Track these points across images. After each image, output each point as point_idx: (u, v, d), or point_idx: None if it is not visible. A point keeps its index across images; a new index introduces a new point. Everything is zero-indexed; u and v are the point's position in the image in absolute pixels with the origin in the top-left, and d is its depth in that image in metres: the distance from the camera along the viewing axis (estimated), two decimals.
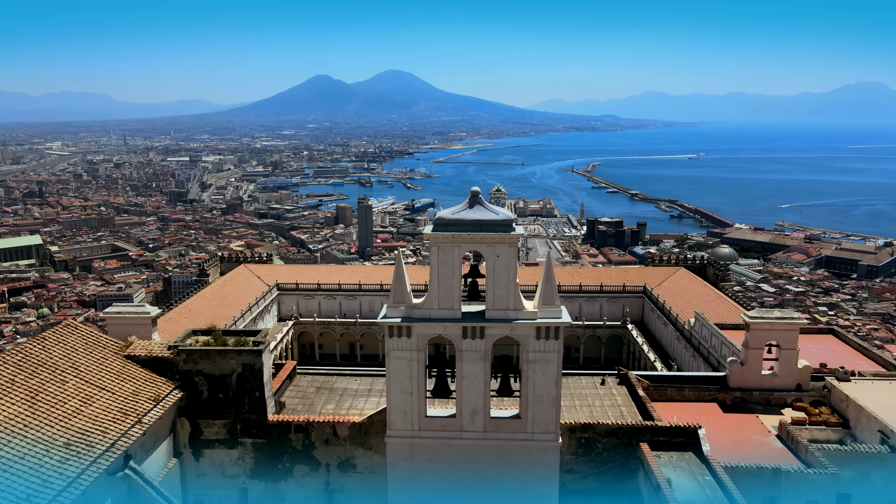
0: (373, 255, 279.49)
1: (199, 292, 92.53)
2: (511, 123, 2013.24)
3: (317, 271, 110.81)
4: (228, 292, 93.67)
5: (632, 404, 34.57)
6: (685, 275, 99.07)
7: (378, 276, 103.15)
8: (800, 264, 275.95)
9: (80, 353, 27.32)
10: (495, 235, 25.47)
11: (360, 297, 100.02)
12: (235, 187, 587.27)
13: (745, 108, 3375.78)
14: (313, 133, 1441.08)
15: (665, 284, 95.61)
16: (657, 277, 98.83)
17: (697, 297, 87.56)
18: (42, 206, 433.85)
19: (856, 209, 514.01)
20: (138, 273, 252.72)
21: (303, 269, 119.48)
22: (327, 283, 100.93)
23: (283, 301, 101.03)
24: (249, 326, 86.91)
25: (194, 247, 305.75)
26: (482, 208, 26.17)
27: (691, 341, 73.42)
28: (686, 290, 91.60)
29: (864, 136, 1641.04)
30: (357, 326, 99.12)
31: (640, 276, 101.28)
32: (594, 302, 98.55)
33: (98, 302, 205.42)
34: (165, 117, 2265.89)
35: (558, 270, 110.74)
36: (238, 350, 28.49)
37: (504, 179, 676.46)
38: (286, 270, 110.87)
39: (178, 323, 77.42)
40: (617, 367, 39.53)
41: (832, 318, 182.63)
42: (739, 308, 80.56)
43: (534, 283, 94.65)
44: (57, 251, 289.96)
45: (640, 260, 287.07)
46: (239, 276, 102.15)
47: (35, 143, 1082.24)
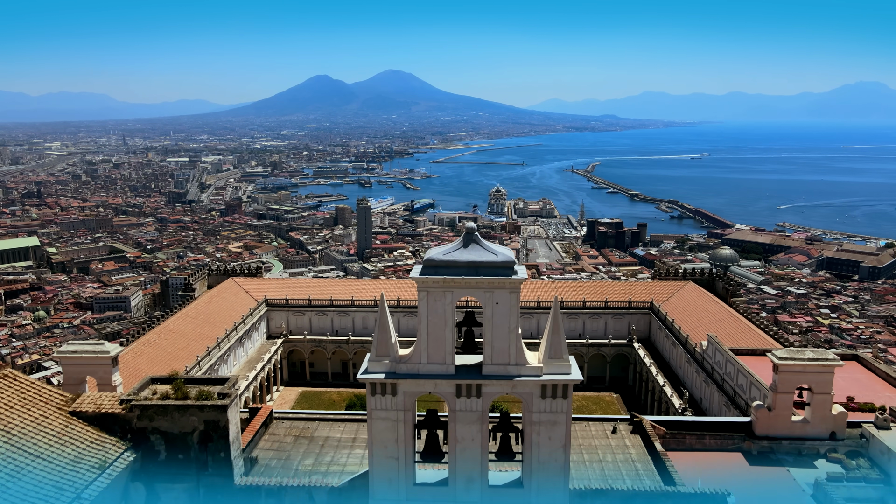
0: (372, 257, 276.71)
1: (183, 309, 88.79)
2: (511, 123, 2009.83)
3: (307, 285, 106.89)
4: (214, 309, 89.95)
5: (648, 459, 31.25)
6: (693, 290, 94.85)
7: (371, 291, 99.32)
8: (801, 266, 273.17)
9: (17, 410, 23.35)
10: (494, 280, 22.33)
11: (352, 314, 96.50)
12: (234, 188, 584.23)
13: (745, 107, 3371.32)
14: (313, 133, 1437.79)
15: (673, 300, 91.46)
16: (664, 292, 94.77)
17: (708, 315, 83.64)
18: (40, 206, 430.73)
19: (856, 210, 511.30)
20: (136, 275, 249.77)
21: (293, 283, 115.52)
22: (318, 299, 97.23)
23: (273, 317, 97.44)
24: (235, 347, 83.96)
25: (192, 248, 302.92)
26: (479, 248, 22.84)
27: (704, 366, 69.65)
28: (695, 307, 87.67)
29: (862, 135, 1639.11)
30: (350, 344, 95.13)
31: (647, 291, 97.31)
32: (598, 319, 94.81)
33: (95, 304, 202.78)
34: (165, 117, 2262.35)
35: (560, 284, 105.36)
36: (200, 405, 25.13)
37: (504, 180, 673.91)
38: (275, 284, 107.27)
39: (158, 346, 74.08)
40: (631, 413, 35.96)
41: (835, 320, 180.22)
42: (753, 328, 76.39)
43: (533, 298, 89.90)
44: (54, 253, 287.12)
45: (641, 261, 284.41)
46: (226, 290, 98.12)
47: (34, 144, 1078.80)
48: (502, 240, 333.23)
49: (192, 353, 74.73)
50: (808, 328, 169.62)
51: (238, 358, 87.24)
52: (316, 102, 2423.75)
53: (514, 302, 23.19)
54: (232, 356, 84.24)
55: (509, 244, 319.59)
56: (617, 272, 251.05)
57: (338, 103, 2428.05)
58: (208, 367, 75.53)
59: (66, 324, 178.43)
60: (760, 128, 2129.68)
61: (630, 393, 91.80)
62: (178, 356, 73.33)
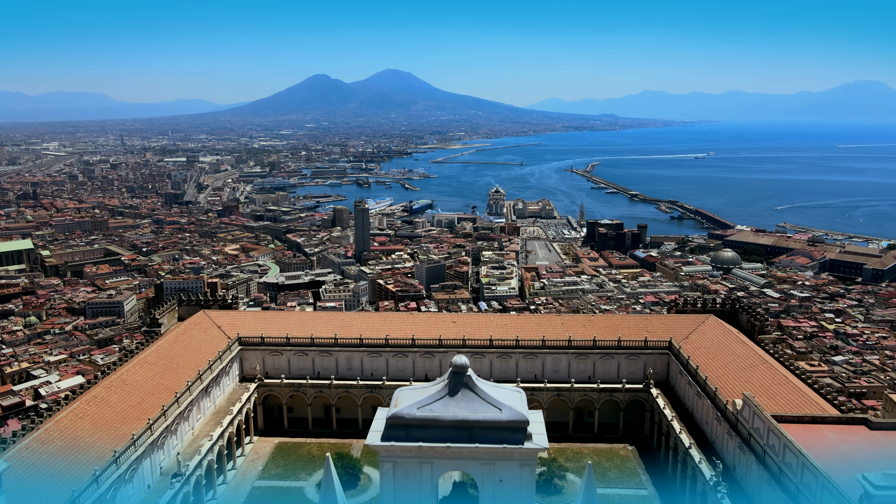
0: (370, 260, 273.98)
1: (144, 351, 78.35)
2: (510, 123, 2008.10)
3: (286, 320, 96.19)
4: (179, 350, 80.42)
5: None
6: (716, 326, 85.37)
7: (357, 328, 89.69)
8: (804, 268, 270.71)
9: None
10: (496, 449, 14.74)
11: (335, 353, 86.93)
12: (232, 188, 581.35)
13: (744, 106, 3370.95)
14: (311, 133, 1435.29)
15: (694, 338, 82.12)
16: (683, 328, 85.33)
17: (735, 359, 74.62)
18: (36, 208, 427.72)
19: (857, 210, 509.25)
20: (130, 278, 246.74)
21: (270, 317, 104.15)
22: (297, 338, 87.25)
23: (247, 357, 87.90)
24: (201, 398, 75.17)
25: (188, 251, 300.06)
26: (472, 396, 14.93)
27: (738, 429, 60.90)
28: (720, 348, 78.39)
29: (860, 134, 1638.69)
30: (332, 389, 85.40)
31: (664, 327, 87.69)
32: (611, 360, 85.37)
33: (87, 310, 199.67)
34: (164, 117, 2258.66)
35: (567, 319, 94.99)
36: None
37: (503, 180, 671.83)
38: (251, 319, 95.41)
39: (106, 404, 64.47)
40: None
41: (839, 325, 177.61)
42: (791, 379, 66.24)
43: (538, 336, 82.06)
44: (48, 255, 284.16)
45: (642, 263, 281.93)
46: (195, 326, 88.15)
47: (32, 144, 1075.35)
48: (501, 241, 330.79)
49: (147, 412, 64.31)
50: (814, 334, 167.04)
51: (203, 410, 76.72)
52: (314, 102, 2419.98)
53: (528, 479, 15.91)
54: (196, 409, 73.97)
55: (509, 246, 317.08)
56: (618, 275, 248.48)
57: (336, 103, 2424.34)
58: (163, 430, 64.93)
59: (57, 330, 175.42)
60: (759, 127, 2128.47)
61: (646, 444, 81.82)
62: (129, 416, 63.31)
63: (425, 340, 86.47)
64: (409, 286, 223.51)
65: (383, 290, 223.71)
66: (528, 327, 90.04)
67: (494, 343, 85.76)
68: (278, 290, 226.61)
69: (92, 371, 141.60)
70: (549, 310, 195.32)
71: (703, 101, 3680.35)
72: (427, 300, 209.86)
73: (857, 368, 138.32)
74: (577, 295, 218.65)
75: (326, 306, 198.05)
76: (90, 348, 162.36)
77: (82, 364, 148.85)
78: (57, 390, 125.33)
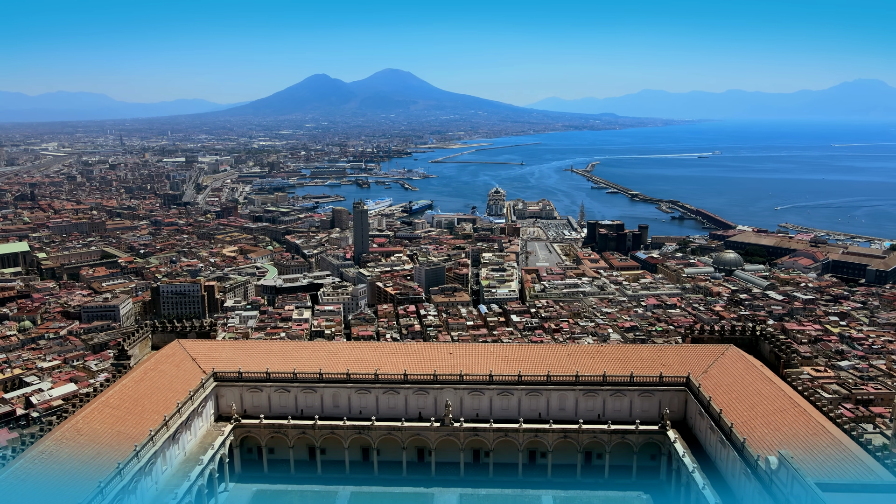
0: (368, 262, 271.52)
1: (106, 391, 69.30)
2: (509, 122, 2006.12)
3: (268, 351, 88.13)
4: (147, 390, 71.85)
5: None
6: (737, 358, 78.41)
7: (344, 360, 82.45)
8: (807, 269, 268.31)
9: None
10: None
11: (320, 390, 79.74)
12: (231, 189, 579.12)
13: (744, 105, 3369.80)
14: (311, 133, 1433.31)
15: (713, 373, 75.66)
16: (701, 361, 78.93)
17: (762, 399, 67.39)
18: (33, 209, 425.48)
19: (858, 209, 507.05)
20: (127, 281, 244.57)
21: (251, 347, 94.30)
22: (278, 373, 79.47)
23: (223, 394, 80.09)
24: (167, 446, 67.01)
25: (186, 253, 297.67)
26: None
27: (773, 491, 54.13)
28: (743, 385, 72.01)
29: (860, 133, 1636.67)
30: (316, 430, 78.09)
31: (680, 359, 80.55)
32: (622, 397, 78.17)
33: (83, 313, 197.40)
34: (163, 117, 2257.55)
35: (574, 350, 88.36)
36: None
37: (503, 180, 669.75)
38: (229, 350, 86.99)
39: (55, 461, 56.23)
40: None
41: (844, 328, 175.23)
42: (829, 428, 59.30)
43: (542, 371, 75.18)
44: (44, 258, 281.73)
45: (643, 265, 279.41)
46: (168, 360, 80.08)
47: (31, 144, 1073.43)
48: (501, 242, 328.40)
49: (101, 469, 55.70)
50: (818, 337, 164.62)
51: (171, 460, 68.21)
52: (314, 102, 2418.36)
53: None
54: (161, 460, 65.72)
55: (509, 247, 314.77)
56: (619, 277, 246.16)
57: (336, 102, 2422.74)
58: (120, 491, 56.45)
59: (52, 335, 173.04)
60: (759, 126, 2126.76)
61: (663, 491, 74.93)
62: (79, 474, 54.73)
63: (419, 376, 79.77)
64: (409, 289, 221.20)
65: (382, 293, 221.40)
66: (531, 359, 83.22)
67: (495, 379, 79.52)
68: (276, 293, 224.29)
69: (85, 377, 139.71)
70: (550, 312, 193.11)
71: (702, 99, 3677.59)
72: (426, 303, 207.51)
73: (864, 374, 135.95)
74: (578, 297, 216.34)
75: (325, 310, 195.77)
76: (84, 354, 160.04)
77: (76, 370, 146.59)
78: (49, 398, 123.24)
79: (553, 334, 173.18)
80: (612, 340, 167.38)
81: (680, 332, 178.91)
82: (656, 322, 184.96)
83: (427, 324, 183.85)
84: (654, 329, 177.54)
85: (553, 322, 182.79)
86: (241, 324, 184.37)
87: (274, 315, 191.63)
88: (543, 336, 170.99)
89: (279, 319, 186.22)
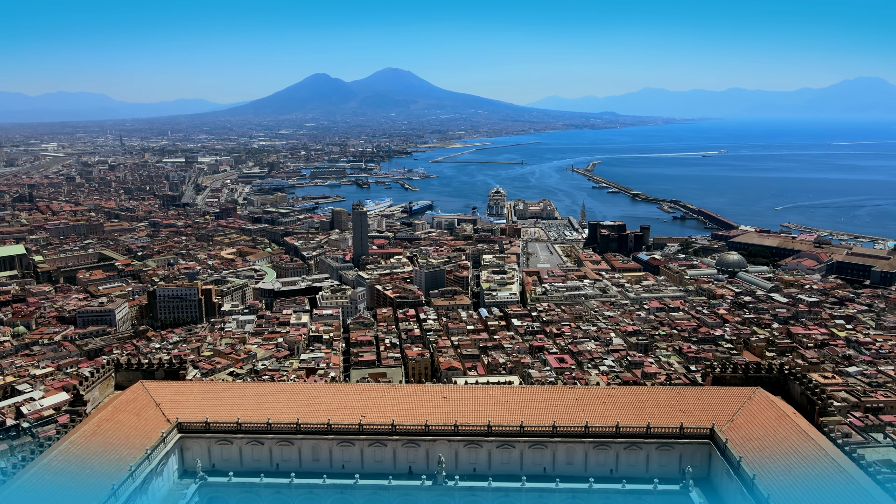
0: (368, 264, 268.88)
1: (50, 450, 57.71)
2: (510, 121, 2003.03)
3: (241, 395, 76.45)
4: (98, 447, 60.68)
5: None
6: (766, 404, 68.96)
7: (325, 407, 71.82)
8: (811, 271, 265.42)
9: None
10: None
11: (298, 443, 70.05)
12: (231, 189, 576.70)
13: (744, 103, 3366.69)
14: (311, 132, 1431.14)
15: (740, 422, 66.70)
16: (726, 407, 69.92)
17: (801, 459, 58.08)
18: (31, 211, 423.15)
19: (860, 209, 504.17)
20: (124, 284, 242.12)
21: (223, 390, 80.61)
22: (251, 423, 70.00)
23: (189, 447, 70.46)
24: None
25: (184, 255, 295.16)
26: None
27: None
28: (777, 440, 62.34)
29: (860, 131, 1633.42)
30: (292, 489, 68.35)
31: (701, 405, 71.39)
32: (637, 451, 68.55)
33: (78, 318, 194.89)
34: (163, 117, 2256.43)
35: (582, 392, 77.96)
36: None
37: (503, 179, 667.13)
38: (198, 393, 75.65)
39: None
40: None
41: (851, 332, 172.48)
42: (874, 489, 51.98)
43: (547, 422, 65.27)
44: (41, 261, 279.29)
45: (645, 266, 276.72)
46: (127, 407, 69.17)
47: (31, 145, 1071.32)
48: (502, 243, 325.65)
49: None
50: (824, 342, 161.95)
51: None
52: (314, 101, 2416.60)
53: None
54: None
55: (510, 248, 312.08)
56: (621, 279, 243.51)
57: (336, 102, 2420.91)
58: None
59: (46, 340, 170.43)
60: (760, 124, 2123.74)
61: None
62: None
63: (408, 426, 70.23)
64: (408, 292, 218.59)
65: (382, 296, 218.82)
66: (534, 404, 72.97)
67: (494, 429, 69.73)
68: (274, 296, 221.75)
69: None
70: (552, 316, 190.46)
71: (703, 98, 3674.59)
72: (426, 307, 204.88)
73: (872, 380, 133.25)
74: (580, 300, 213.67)
75: (323, 314, 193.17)
76: (78, 361, 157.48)
77: (69, 378, 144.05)
78: (40, 408, 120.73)
79: (555, 339, 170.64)
80: (614, 345, 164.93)
81: (683, 335, 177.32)
82: (659, 326, 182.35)
83: (427, 328, 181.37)
84: (657, 333, 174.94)
85: (555, 326, 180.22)
86: (238, 328, 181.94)
87: (272, 319, 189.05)
88: (545, 341, 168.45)
89: (277, 324, 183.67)
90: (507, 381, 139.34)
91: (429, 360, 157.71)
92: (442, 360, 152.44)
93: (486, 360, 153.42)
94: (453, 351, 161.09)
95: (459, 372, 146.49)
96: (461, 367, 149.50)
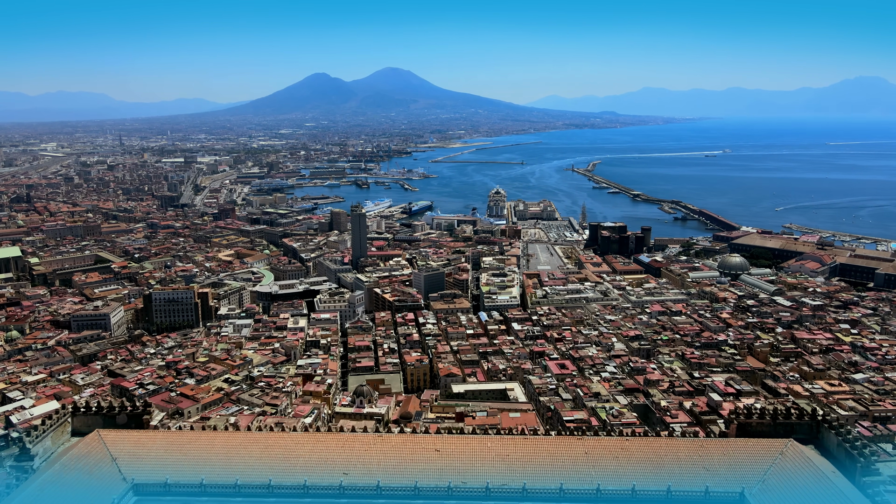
0: (366, 266, 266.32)
1: None
2: (510, 121, 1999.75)
3: (209, 447, 66.17)
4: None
5: None
6: (800, 460, 60.75)
7: (303, 462, 62.88)
8: (814, 273, 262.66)
9: None
10: None
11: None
12: (230, 190, 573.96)
13: (744, 103, 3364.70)
14: (311, 132, 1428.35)
15: (772, 483, 58.75)
16: (755, 464, 60.94)
17: None
18: (28, 212, 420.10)
19: (862, 209, 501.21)
20: (120, 287, 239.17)
21: (189, 441, 68.61)
22: (217, 484, 60.38)
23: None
24: None
25: (181, 257, 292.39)
26: None
27: None
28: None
29: (859, 131, 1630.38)
30: None
31: (727, 460, 62.44)
32: None
33: (72, 322, 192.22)
34: (163, 116, 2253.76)
35: (591, 444, 68.35)
36: None
37: (503, 180, 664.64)
38: (161, 444, 66.17)
39: None
40: None
41: (856, 337, 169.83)
42: None
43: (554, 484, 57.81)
44: (36, 263, 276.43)
45: (647, 268, 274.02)
46: (80, 463, 60.55)
47: (30, 145, 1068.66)
48: (502, 245, 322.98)
49: None
50: (829, 347, 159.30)
51: None
52: (314, 101, 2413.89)
53: None
54: None
55: (510, 250, 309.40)
56: (622, 281, 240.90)
57: (336, 101, 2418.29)
58: None
59: (39, 345, 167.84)
60: (760, 123, 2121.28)
61: None
62: None
63: (395, 488, 61.23)
64: (407, 295, 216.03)
65: (380, 300, 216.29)
66: (538, 459, 65.00)
67: (492, 492, 61.03)
68: (271, 299, 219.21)
69: (70, 393, 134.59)
70: (552, 320, 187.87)
71: (703, 97, 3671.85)
72: (425, 311, 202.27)
73: (880, 388, 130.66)
74: (581, 304, 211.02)
75: (321, 318, 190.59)
76: (72, 366, 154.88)
77: (62, 384, 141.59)
78: (30, 417, 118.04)
79: (555, 344, 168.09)
80: (616, 350, 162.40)
81: (686, 340, 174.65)
82: (661, 330, 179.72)
83: (426, 333, 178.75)
84: (659, 338, 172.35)
85: (555, 331, 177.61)
86: (234, 333, 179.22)
87: (269, 324, 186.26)
88: (546, 346, 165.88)
89: (274, 328, 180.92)
90: (507, 388, 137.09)
91: (428, 367, 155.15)
92: (441, 367, 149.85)
93: (485, 366, 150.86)
94: (452, 356, 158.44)
95: (459, 378, 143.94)
96: (460, 374, 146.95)
